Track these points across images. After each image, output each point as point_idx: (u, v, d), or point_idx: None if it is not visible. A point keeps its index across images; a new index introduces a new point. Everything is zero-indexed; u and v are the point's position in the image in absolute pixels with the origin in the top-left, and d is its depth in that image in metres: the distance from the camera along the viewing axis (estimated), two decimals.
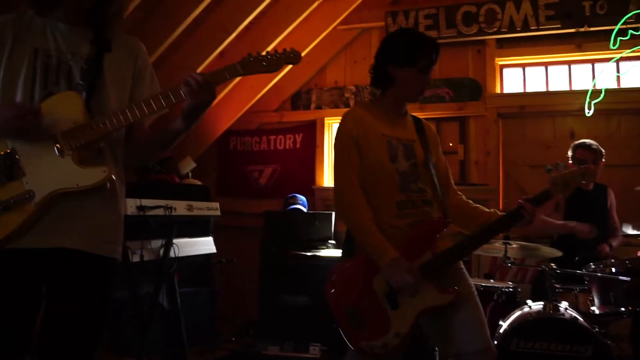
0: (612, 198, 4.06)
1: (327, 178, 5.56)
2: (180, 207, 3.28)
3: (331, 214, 5.02)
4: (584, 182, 2.29)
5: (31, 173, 1.69)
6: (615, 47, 4.07)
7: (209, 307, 4.61)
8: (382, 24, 5.30)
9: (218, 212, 3.64)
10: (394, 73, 2.26)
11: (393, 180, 2.23)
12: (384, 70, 2.29)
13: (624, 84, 4.70)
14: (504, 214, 2.28)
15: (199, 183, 4.83)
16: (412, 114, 2.46)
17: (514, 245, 3.46)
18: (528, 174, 4.91)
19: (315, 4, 4.72)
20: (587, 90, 4.63)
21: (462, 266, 2.35)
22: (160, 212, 3.08)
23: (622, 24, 4.19)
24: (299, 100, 5.67)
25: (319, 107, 5.57)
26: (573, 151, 3.98)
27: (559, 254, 3.38)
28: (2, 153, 1.69)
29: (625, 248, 4.05)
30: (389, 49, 2.32)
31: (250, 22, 4.49)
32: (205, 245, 3.83)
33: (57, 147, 1.70)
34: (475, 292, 2.31)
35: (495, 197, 4.87)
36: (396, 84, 2.28)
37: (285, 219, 5.07)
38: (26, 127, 1.64)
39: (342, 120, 2.32)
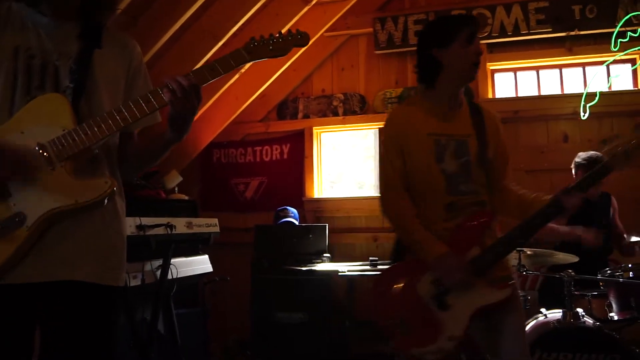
0: (615, 205, 4.03)
1: (317, 189, 5.39)
2: (180, 225, 3.07)
3: (325, 226, 4.85)
4: None
5: (18, 192, 1.44)
6: (616, 49, 4.04)
7: (201, 328, 4.36)
8: (370, 30, 5.19)
9: (217, 229, 3.45)
10: (439, 56, 2.13)
11: (439, 182, 2.12)
12: (428, 58, 2.16)
13: (616, 87, 4.69)
14: (548, 200, 2.08)
15: (186, 198, 4.59)
16: None
17: (529, 252, 3.36)
18: (523, 178, 4.81)
19: (304, 10, 4.58)
20: (579, 93, 4.62)
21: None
22: (161, 230, 2.87)
23: (619, 27, 4.16)
24: (285, 110, 5.49)
25: (306, 116, 5.41)
26: (574, 167, 3.94)
27: (575, 259, 3.30)
28: None
29: None
30: (427, 35, 2.22)
31: (238, 29, 4.31)
32: (202, 264, 3.62)
33: (45, 157, 1.46)
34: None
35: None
36: (446, 66, 2.13)
37: (277, 233, 4.87)
38: None
39: (386, 120, 2.23)
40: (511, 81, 5.05)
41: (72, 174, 1.47)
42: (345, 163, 5.58)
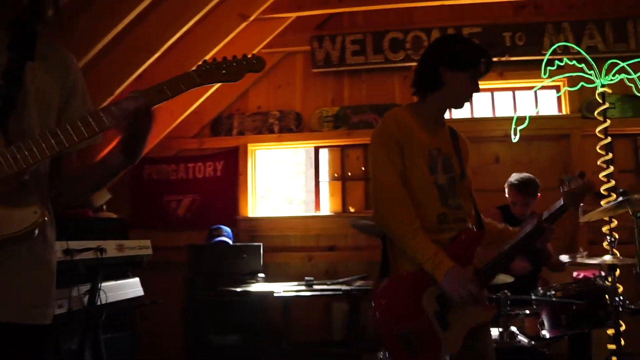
0: None
1: (251, 207, 5.28)
2: (111, 248, 2.88)
3: (259, 245, 4.75)
4: (589, 193, 2.26)
5: None
6: (545, 76, 4.22)
7: (130, 353, 4.14)
8: (307, 48, 5.18)
9: (150, 251, 3.28)
10: (444, 76, 2.13)
11: (434, 192, 2.09)
12: (434, 72, 2.14)
13: (543, 112, 4.90)
14: (526, 232, 2.18)
15: (115, 216, 4.37)
16: (339, 139, 2.31)
17: None
18: None
19: (242, 26, 4.49)
20: (510, 117, 4.77)
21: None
22: (90, 255, 2.67)
23: (547, 55, 4.34)
24: (219, 126, 5.37)
25: (241, 133, 5.31)
26: (507, 188, 4.07)
27: (510, 279, 3.37)
28: None
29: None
30: (444, 51, 2.18)
31: (174, 42, 4.16)
32: (132, 287, 3.42)
33: None
34: None
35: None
36: (445, 87, 2.14)
37: (211, 253, 4.72)
38: None
39: (382, 121, 2.16)
40: None
41: None
42: (274, 179, 5.52)
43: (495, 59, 4.81)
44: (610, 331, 4.00)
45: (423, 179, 2.09)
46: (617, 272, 3.60)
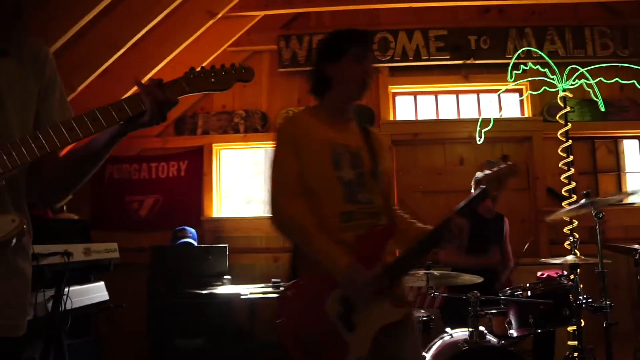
0: (507, 227, 4.24)
1: (216, 208, 5.19)
2: (78, 252, 2.77)
3: (225, 247, 4.68)
4: (513, 177, 2.16)
5: None
6: (511, 80, 4.31)
7: (93, 358, 4.01)
8: (274, 47, 5.14)
9: (117, 254, 3.18)
10: (329, 71, 2.10)
11: (336, 190, 2.03)
12: (319, 71, 2.13)
13: (506, 114, 5.00)
14: (433, 228, 2.09)
15: (76, 217, 4.21)
16: None
17: (436, 274, 3.44)
18: (421, 200, 5.00)
19: (210, 23, 4.41)
20: (474, 118, 4.85)
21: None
22: (56, 259, 2.56)
23: (514, 59, 4.44)
24: (183, 125, 5.26)
25: (206, 133, 5.22)
26: (475, 184, 4.10)
27: (479, 280, 3.42)
28: None
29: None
30: (320, 48, 2.17)
31: (140, 38, 4.05)
32: (97, 292, 3.30)
33: None
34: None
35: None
36: (334, 82, 2.11)
37: (175, 255, 4.60)
38: None
39: (283, 123, 2.17)
40: (411, 104, 5.21)
41: None
42: (233, 179, 5.46)
43: (460, 62, 4.97)
44: (571, 328, 4.13)
45: (324, 176, 2.04)
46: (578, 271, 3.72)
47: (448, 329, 3.41)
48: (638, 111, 4.98)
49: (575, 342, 4.19)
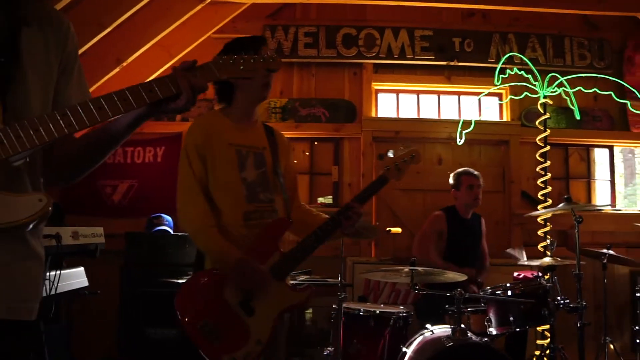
0: (484, 227, 4.33)
1: None
2: (66, 235, 2.68)
3: None
4: (414, 163, 2.47)
5: None
6: (499, 83, 4.39)
7: (62, 346, 3.88)
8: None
9: (103, 239, 3.09)
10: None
11: (239, 190, 2.18)
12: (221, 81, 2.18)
13: (485, 118, 5.10)
14: (332, 215, 2.28)
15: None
16: (286, 131, 2.39)
17: (421, 270, 3.47)
18: (399, 197, 5.05)
19: (198, 8, 4.31)
20: (454, 120, 4.93)
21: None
22: (46, 242, 2.45)
23: (501, 63, 4.53)
24: None
25: (185, 120, 5.11)
26: (457, 177, 4.16)
27: (463, 278, 3.48)
28: None
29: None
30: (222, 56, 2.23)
31: (126, 19, 3.93)
32: (78, 277, 3.20)
33: None
34: None
35: (368, 220, 4.91)
36: (237, 88, 2.22)
37: (151, 242, 4.50)
38: None
39: (189, 128, 2.24)
40: (393, 102, 5.25)
41: None
42: None
43: (443, 63, 5.04)
44: (541, 328, 4.27)
45: (228, 178, 2.17)
46: (548, 274, 3.84)
47: (428, 325, 3.45)
48: (609, 121, 5.17)
49: (543, 342, 4.36)
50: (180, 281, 4.24)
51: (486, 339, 3.25)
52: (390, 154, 2.35)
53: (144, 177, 5.05)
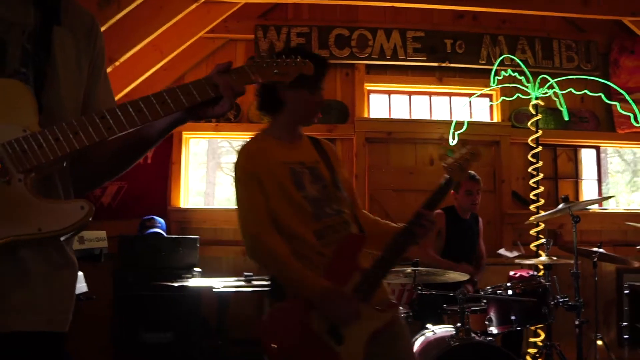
0: (481, 226, 4.38)
1: (183, 198, 5.04)
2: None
3: (196, 238, 4.55)
4: (475, 161, 2.31)
5: None
6: (494, 84, 4.44)
7: None
8: (251, 36, 5.05)
9: (106, 243, 3.02)
10: (283, 96, 2.08)
11: (305, 210, 2.04)
12: (272, 93, 2.09)
13: (476, 118, 5.15)
14: (404, 226, 2.13)
15: None
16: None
17: (423, 270, 3.49)
18: (392, 198, 5.07)
19: (192, 7, 4.25)
20: (446, 120, 4.98)
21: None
22: None
23: (496, 65, 4.58)
24: None
25: None
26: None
27: (464, 277, 3.51)
28: None
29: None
30: None
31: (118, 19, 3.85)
32: (78, 283, 3.12)
33: None
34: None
35: None
36: (287, 107, 2.10)
37: (144, 245, 4.42)
38: None
39: (239, 157, 2.10)
40: (385, 103, 5.27)
41: (33, 194, 1.11)
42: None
43: (435, 64, 5.07)
44: (534, 326, 4.33)
45: (291, 200, 2.04)
46: (543, 271, 3.90)
47: (429, 325, 3.47)
48: (596, 123, 5.27)
49: (536, 339, 4.43)
50: (175, 284, 4.20)
51: (490, 338, 3.29)
52: (450, 155, 2.23)
53: (134, 179, 4.95)
